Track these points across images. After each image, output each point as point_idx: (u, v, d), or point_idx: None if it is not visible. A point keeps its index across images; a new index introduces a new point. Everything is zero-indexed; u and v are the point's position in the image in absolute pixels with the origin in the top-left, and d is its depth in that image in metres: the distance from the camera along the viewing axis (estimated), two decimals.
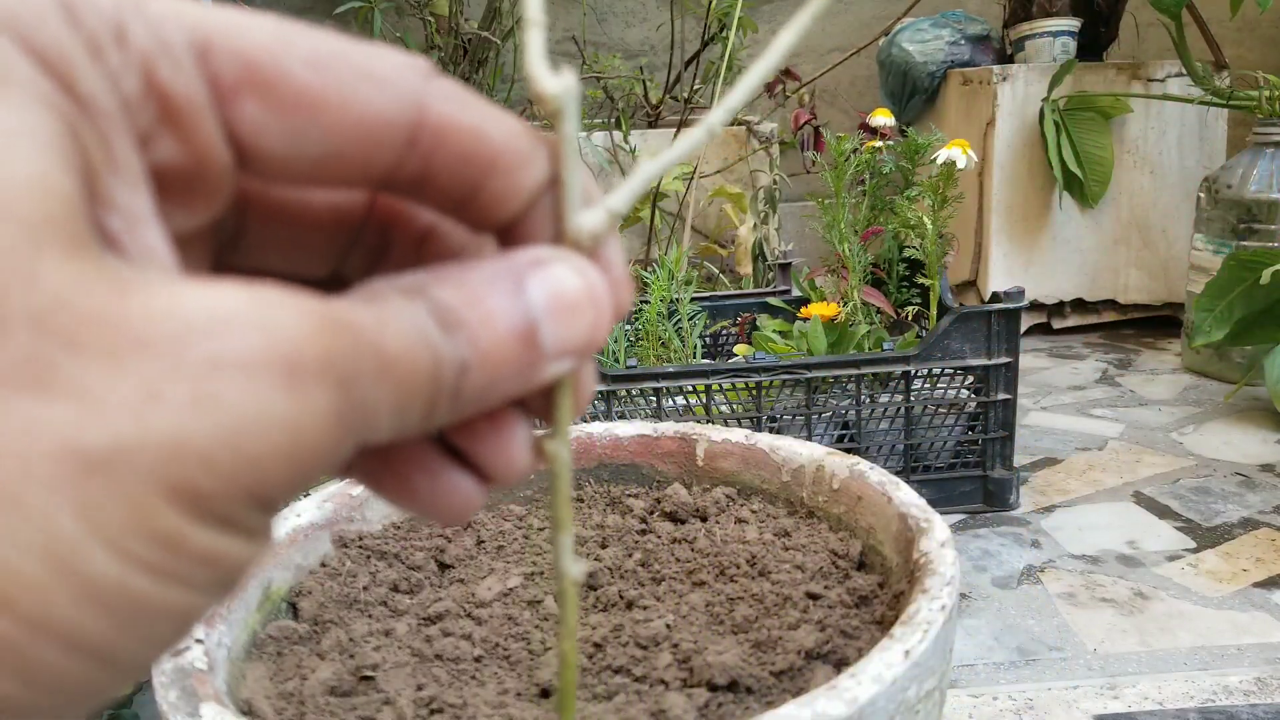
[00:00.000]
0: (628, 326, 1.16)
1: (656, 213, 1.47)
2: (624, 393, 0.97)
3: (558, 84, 0.17)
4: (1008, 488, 1.03)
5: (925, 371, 1.00)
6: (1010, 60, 1.75)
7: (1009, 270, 1.67)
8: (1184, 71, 1.53)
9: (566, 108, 0.17)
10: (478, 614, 0.41)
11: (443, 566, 0.45)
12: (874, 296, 1.13)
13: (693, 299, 1.16)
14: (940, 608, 0.34)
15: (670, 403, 0.98)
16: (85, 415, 0.12)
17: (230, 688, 0.35)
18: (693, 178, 1.52)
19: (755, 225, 1.63)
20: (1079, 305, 1.72)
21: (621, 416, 0.98)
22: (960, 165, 1.07)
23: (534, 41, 0.17)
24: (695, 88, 1.76)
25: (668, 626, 0.39)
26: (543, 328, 0.16)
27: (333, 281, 0.20)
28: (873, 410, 1.00)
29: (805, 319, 1.09)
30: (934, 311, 1.12)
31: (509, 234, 0.18)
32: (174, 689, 0.32)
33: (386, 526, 0.48)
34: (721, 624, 0.39)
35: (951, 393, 1.02)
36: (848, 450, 0.47)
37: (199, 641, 0.35)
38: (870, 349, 1.05)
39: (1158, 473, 1.13)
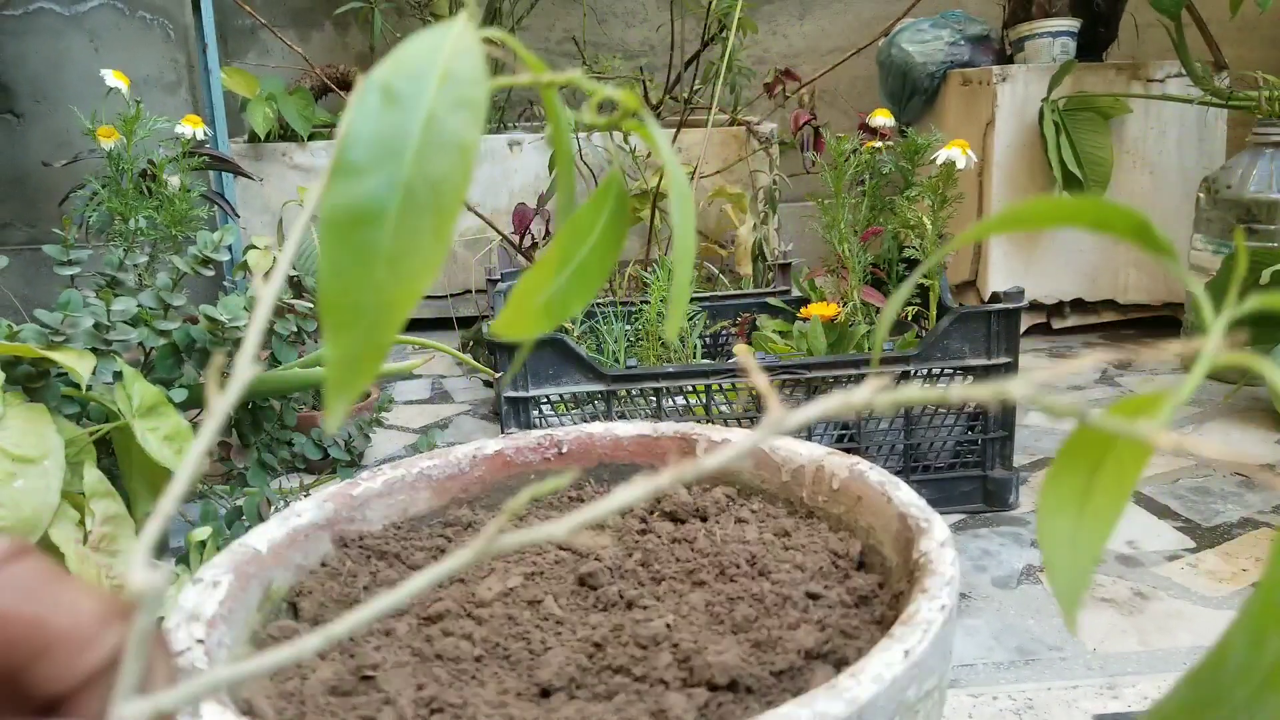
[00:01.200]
0: (628, 327, 1.16)
1: (656, 213, 1.47)
2: (624, 393, 0.97)
3: (144, 580, 0.17)
4: (1007, 487, 1.03)
5: (925, 372, 1.00)
6: (1010, 61, 1.75)
7: (1009, 270, 1.66)
8: (1184, 72, 1.53)
9: (143, 604, 0.17)
10: (478, 614, 0.41)
11: None
12: (874, 297, 1.13)
13: (692, 299, 1.16)
14: (940, 607, 0.34)
15: (670, 403, 0.98)
16: None
17: (231, 687, 0.35)
18: (692, 178, 1.52)
19: (755, 225, 1.63)
20: (1078, 305, 1.72)
21: (621, 416, 0.98)
22: (960, 165, 1.07)
23: (150, 534, 0.17)
24: (695, 88, 1.76)
25: (668, 626, 0.39)
26: None
27: None
28: (872, 410, 1.00)
29: (805, 319, 1.09)
30: (934, 312, 1.12)
31: (62, 702, 0.18)
32: None
33: (387, 526, 0.48)
34: (721, 624, 0.39)
35: None
36: (848, 450, 0.47)
37: (200, 642, 0.35)
38: (870, 349, 1.05)
39: (1158, 472, 1.13)
